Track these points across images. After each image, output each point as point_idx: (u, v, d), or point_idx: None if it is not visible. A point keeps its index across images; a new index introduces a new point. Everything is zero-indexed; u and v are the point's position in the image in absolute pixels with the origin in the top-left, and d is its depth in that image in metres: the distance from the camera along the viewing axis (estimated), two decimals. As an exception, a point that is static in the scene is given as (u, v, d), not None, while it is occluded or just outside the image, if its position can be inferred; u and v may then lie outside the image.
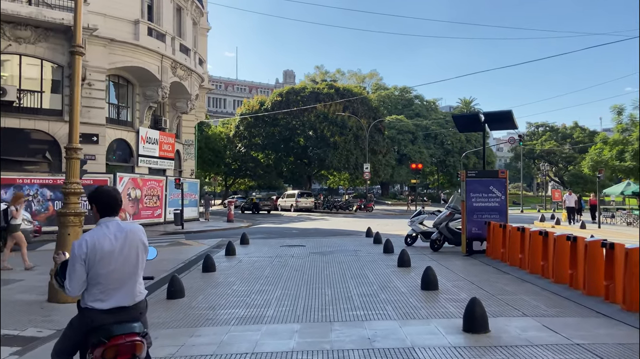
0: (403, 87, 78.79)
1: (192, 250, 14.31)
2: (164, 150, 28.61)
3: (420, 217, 14.62)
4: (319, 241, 16.39)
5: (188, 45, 28.46)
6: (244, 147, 49.20)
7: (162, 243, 16.41)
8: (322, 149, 44.19)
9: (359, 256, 12.61)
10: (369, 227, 18.28)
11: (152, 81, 25.62)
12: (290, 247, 14.64)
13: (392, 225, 25.42)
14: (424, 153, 62.95)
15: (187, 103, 29.15)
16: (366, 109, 46.69)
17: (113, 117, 25.06)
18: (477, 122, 12.26)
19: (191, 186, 30.04)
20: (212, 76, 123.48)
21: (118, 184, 22.68)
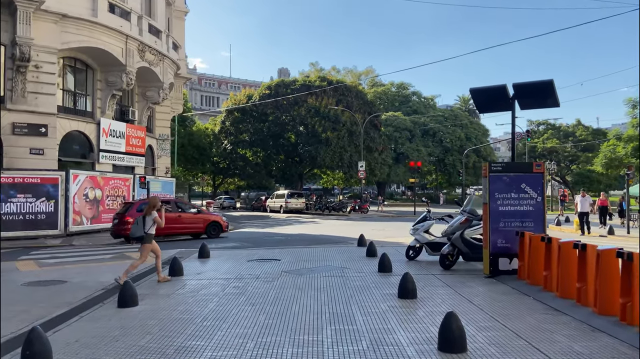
0: (400, 83, 75.67)
1: (134, 266, 11.12)
2: (132, 145, 25.41)
3: (425, 225, 11.49)
4: (299, 253, 13.25)
5: (159, 27, 25.27)
6: (230, 144, 45.94)
7: (104, 255, 13.21)
8: (313, 145, 40.99)
9: (346, 277, 9.46)
10: (362, 234, 15.13)
11: (115, 65, 22.44)
12: (260, 263, 11.49)
13: (389, 230, 22.28)
14: (422, 151, 59.87)
15: (158, 92, 25.94)
16: (361, 103, 43.52)
17: (68, 106, 21.85)
18: (504, 99, 9.13)
19: (166, 185, 26.83)
20: (206, 74, 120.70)
21: (72, 184, 19.49)
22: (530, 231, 8.81)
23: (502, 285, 8.44)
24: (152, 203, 9.29)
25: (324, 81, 42.12)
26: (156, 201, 9.40)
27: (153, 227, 9.15)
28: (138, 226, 9.12)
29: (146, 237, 9.13)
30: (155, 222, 9.13)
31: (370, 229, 22.45)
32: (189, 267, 10.80)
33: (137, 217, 9.41)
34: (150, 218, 9.11)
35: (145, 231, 9.09)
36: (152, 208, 9.17)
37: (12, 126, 18.76)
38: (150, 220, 9.10)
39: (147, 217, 9.12)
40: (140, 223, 9.12)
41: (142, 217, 9.20)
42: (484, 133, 69.15)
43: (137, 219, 9.26)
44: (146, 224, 9.08)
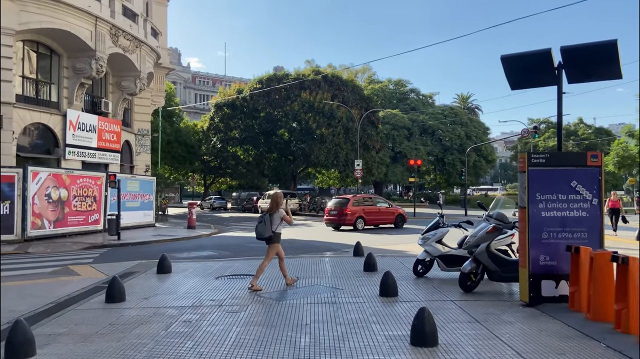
0: (398, 80, 73.42)
1: (61, 289, 8.81)
2: (106, 140, 23.04)
3: (438, 233, 9.22)
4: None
5: (135, 10, 22.90)
6: (219, 142, 43.49)
7: (47, 268, 10.86)
8: (306, 142, 38.62)
9: (338, 304, 7.18)
10: (358, 242, 12.83)
11: (83, 51, 20.09)
12: (231, 281, 9.19)
13: (389, 235, 20.00)
14: (420, 150, 57.60)
15: (135, 82, 23.58)
16: (357, 99, 41.19)
17: (29, 95, 19.45)
18: (546, 69, 6.87)
19: (145, 184, 24.40)
20: (200, 72, 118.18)
21: (31, 182, 17.12)
22: (584, 243, 6.56)
23: (553, 321, 6.16)
24: (276, 200, 8.45)
25: (318, 74, 39.80)
26: (280, 197, 8.54)
27: (281, 226, 8.42)
28: (265, 225, 8.30)
29: (274, 236, 8.35)
30: (282, 220, 8.35)
31: (369, 233, 20.19)
32: (139, 287, 8.49)
33: (262, 216, 8.48)
34: (277, 216, 8.34)
35: (274, 230, 8.31)
36: (277, 205, 8.39)
37: (-41, 116, 16.40)
38: (278, 218, 8.34)
39: (274, 215, 8.32)
40: (267, 222, 8.29)
41: (268, 215, 8.35)
42: (485, 131, 66.98)
43: (263, 218, 8.40)
44: (273, 223, 8.30)
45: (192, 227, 23.17)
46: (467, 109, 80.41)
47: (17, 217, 16.78)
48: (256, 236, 8.57)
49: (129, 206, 22.69)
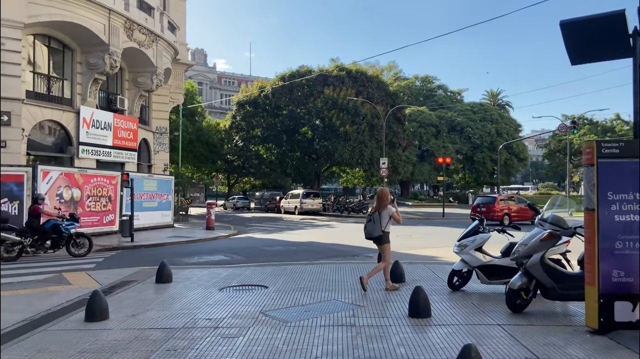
0: (425, 76, 71.50)
1: (43, 302, 7.80)
2: (121, 138, 22.28)
3: (477, 240, 7.85)
4: (299, 273, 9.75)
5: (151, 3, 22.05)
6: (241, 141, 42.60)
7: (42, 274, 9.91)
8: (330, 140, 37.29)
9: (357, 328, 5.91)
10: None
11: (96, 45, 19.34)
12: (236, 293, 8.02)
13: (417, 237, 18.58)
14: (448, 148, 55.65)
15: (151, 78, 22.76)
16: (383, 95, 39.65)
17: (41, 91, 18.78)
18: (618, 36, 5.46)
19: (163, 184, 23.54)
20: (226, 73, 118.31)
21: (41, 182, 16.38)
22: (671, 257, 5.12)
23: (633, 356, 4.76)
24: (383, 197, 8.05)
25: (342, 71, 38.43)
26: (386, 194, 8.12)
27: (389, 224, 8.00)
28: (375, 224, 7.91)
29: (384, 236, 7.96)
30: (391, 218, 7.94)
31: (394, 236, 18.65)
32: (129, 301, 7.40)
33: (371, 215, 8.05)
34: (386, 213, 7.91)
35: (383, 229, 7.91)
36: (384, 202, 7.97)
37: (-34, 113, 15.76)
38: (387, 215, 7.93)
39: (383, 213, 7.90)
40: (376, 221, 7.89)
41: (377, 213, 7.95)
42: (516, 128, 64.47)
43: (372, 216, 7.99)
44: (382, 221, 7.90)
45: (211, 228, 22.25)
46: (497, 105, 77.78)
47: (26, 218, 16.04)
48: (365, 235, 8.16)
49: (146, 206, 21.89)
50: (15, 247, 12.66)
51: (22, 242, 12.69)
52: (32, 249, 12.91)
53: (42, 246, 13.11)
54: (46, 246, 13.16)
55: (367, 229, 8.04)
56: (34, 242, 12.95)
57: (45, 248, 13.17)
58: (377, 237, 7.97)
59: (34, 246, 12.95)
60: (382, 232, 7.91)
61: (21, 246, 12.70)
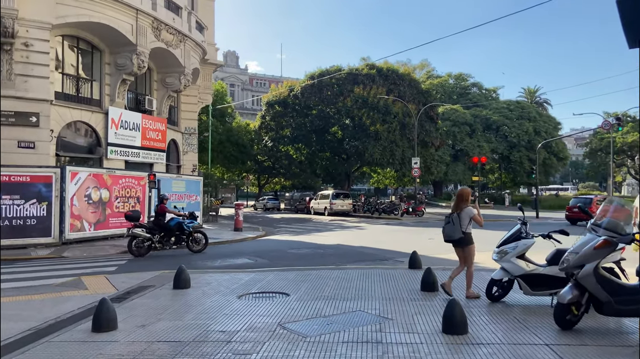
0: (458, 74, 69.71)
1: (54, 308, 7.47)
2: (150, 139, 22.23)
3: (519, 246, 7.09)
4: (323, 279, 9.18)
5: (179, 3, 21.92)
6: (270, 141, 42.35)
7: (61, 278, 9.67)
8: (360, 140, 36.55)
9: (385, 345, 5.29)
10: (415, 252, 10.77)
11: (124, 45, 19.28)
12: (255, 302, 7.52)
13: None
14: (484, 147, 54.02)
15: (179, 78, 22.62)
16: (415, 93, 38.64)
17: (70, 92, 18.83)
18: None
19: (191, 185, 23.40)
20: (257, 74, 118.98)
21: (69, 183, 16.39)
22: None
23: None
24: (463, 196, 7.65)
25: (372, 69, 37.61)
26: (467, 194, 7.70)
27: (470, 225, 7.49)
28: (454, 225, 7.48)
29: (466, 237, 7.45)
30: (472, 220, 7.45)
31: (427, 239, 18.02)
32: (142, 309, 6.98)
33: (449, 216, 7.64)
34: (466, 214, 7.44)
35: (464, 231, 7.42)
36: (464, 201, 7.56)
37: (-3, 114, 15.86)
38: (467, 216, 7.44)
39: (462, 214, 7.45)
40: (456, 222, 7.46)
41: (456, 214, 7.51)
42: (555, 126, 62.05)
43: (451, 218, 7.56)
44: (462, 222, 7.43)
45: (239, 229, 21.98)
46: (534, 103, 75.25)
47: (55, 219, 16.07)
48: (444, 238, 7.73)
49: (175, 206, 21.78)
50: (145, 244, 13.62)
51: (151, 239, 13.63)
52: (159, 245, 13.79)
53: (167, 242, 13.96)
54: (171, 242, 14.01)
55: (446, 231, 7.62)
56: (161, 239, 13.81)
57: (170, 244, 14.01)
58: (457, 240, 7.48)
59: (161, 242, 13.82)
60: (463, 234, 7.42)
61: (150, 243, 13.63)
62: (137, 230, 13.55)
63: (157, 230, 13.81)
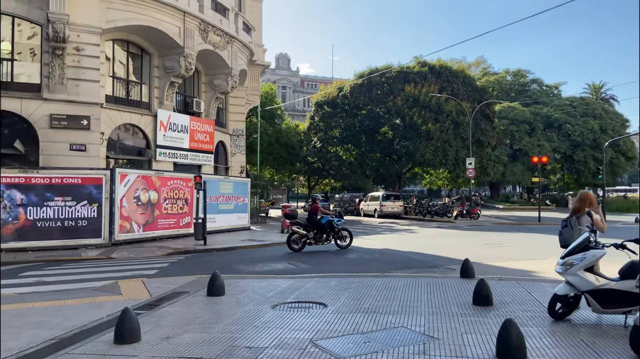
0: (517, 70, 66.57)
1: (82, 315, 7.25)
2: (198, 140, 22.37)
3: (587, 257, 6.17)
4: (366, 289, 8.55)
5: (226, 4, 21.91)
6: (319, 142, 41.99)
7: (100, 281, 9.58)
8: (411, 140, 35.44)
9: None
10: (467, 259, 9.90)
11: (172, 48, 19.46)
12: (289, 313, 6.99)
13: (509, 246, 16.54)
14: (544, 146, 51.15)
15: (227, 80, 22.63)
16: (469, 90, 37.05)
17: (120, 95, 19.18)
18: None
19: (239, 186, 23.36)
20: (308, 76, 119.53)
21: (119, 184, 16.60)
22: None
23: None
24: (585, 200, 7.13)
25: (424, 66, 36.42)
26: (589, 197, 7.16)
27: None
28: (572, 229, 6.96)
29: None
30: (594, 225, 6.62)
31: (482, 244, 16.95)
32: (171, 318, 6.63)
33: (567, 219, 7.14)
34: (585, 219, 6.83)
35: None
36: (587, 205, 7.03)
37: (50, 118, 16.32)
38: (587, 220, 6.78)
39: (582, 218, 6.92)
40: (574, 226, 6.97)
41: (574, 218, 7.05)
42: (623, 124, 58.03)
43: (569, 221, 7.07)
44: (582, 227, 6.85)
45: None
46: (600, 99, 70.83)
47: (105, 221, 16.31)
48: (560, 243, 7.13)
49: (223, 208, 21.78)
50: (301, 240, 14.95)
51: (306, 235, 14.93)
52: (313, 241, 15.06)
53: (320, 238, 15.15)
54: (323, 238, 15.18)
55: (563, 235, 7.08)
56: (314, 235, 15.02)
57: (322, 240, 15.19)
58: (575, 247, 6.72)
59: (315, 238, 15.06)
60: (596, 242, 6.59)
61: (305, 239, 14.93)
62: (295, 227, 15.01)
63: (311, 227, 15.05)
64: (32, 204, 15.33)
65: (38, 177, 15.43)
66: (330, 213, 15.79)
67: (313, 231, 15.05)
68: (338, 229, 15.29)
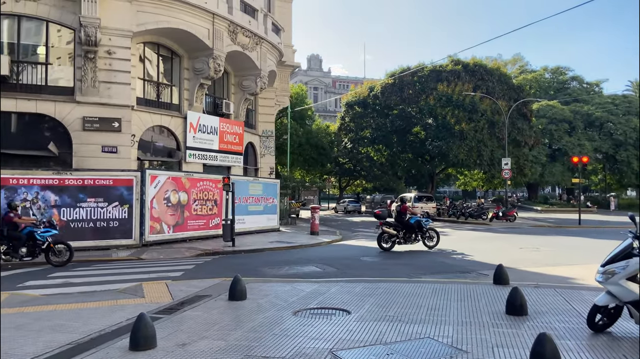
0: (555, 67, 64.49)
1: (102, 320, 7.18)
2: (227, 142, 22.42)
3: (630, 265, 5.66)
4: (392, 294, 8.21)
5: (254, 5, 21.88)
6: (350, 142, 41.64)
7: (124, 283, 9.57)
8: (444, 140, 34.66)
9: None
10: (501, 265, 9.40)
11: (201, 50, 19.53)
12: (311, 319, 6.74)
13: (546, 250, 15.80)
14: (585, 146, 49.26)
15: (255, 81, 22.61)
16: (505, 89, 35.98)
17: (150, 97, 19.38)
18: None
19: (268, 187, 23.31)
20: (340, 77, 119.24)
21: (149, 186, 16.75)
22: None
23: None
24: None
25: (457, 64, 35.58)
26: None
27: None
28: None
29: None
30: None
31: (518, 248, 16.28)
32: (190, 323, 6.47)
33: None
34: None
35: None
36: None
37: (83, 120, 16.62)
38: None
39: None
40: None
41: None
42: (668, 122, 55.27)
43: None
44: None
45: (315, 233, 21.45)
46: (644, 97, 67.71)
47: (135, 222, 16.47)
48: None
49: (252, 209, 21.76)
50: (391, 239, 15.47)
51: (396, 235, 15.45)
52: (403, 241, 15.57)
53: (409, 238, 15.59)
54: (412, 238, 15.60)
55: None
56: (403, 235, 15.52)
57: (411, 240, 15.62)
58: None
59: (404, 238, 15.53)
60: None
61: (395, 238, 15.48)
62: (385, 227, 15.45)
63: (400, 227, 15.51)
64: (66, 205, 15.61)
65: (71, 179, 15.70)
66: (418, 213, 16.18)
67: (402, 230, 15.43)
68: (426, 229, 15.68)
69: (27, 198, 15.25)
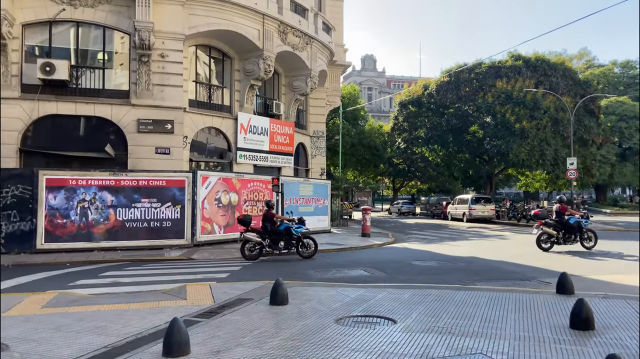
0: (625, 61, 60.41)
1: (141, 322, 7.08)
2: (278, 143, 22.37)
3: None
4: (442, 304, 7.65)
5: (305, 5, 21.71)
6: (403, 142, 40.70)
7: (161, 286, 9.56)
8: (503, 139, 33.07)
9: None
10: (564, 273, 8.57)
11: (252, 51, 19.57)
12: (353, 328, 6.33)
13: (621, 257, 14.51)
14: (659, 145, 45.78)
15: (306, 81, 22.43)
16: (570, 84, 33.90)
17: (202, 99, 19.62)
18: None
19: (319, 188, 23.06)
20: (395, 76, 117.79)
21: (201, 186, 16.94)
22: None
23: None
24: None
25: (517, 60, 33.88)
26: None
27: None
28: None
29: None
30: None
31: (580, 253, 15.06)
32: (228, 328, 6.25)
33: None
34: None
35: None
36: None
37: (137, 122, 17.03)
38: None
39: None
40: None
41: None
42: None
43: None
44: None
45: (366, 235, 21.00)
46: None
47: (187, 222, 16.68)
48: None
49: (302, 210, 21.56)
50: (550, 240, 15.70)
51: (556, 236, 15.62)
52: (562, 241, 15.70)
53: (568, 238, 15.72)
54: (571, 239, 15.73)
55: None
56: (562, 236, 15.68)
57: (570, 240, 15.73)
58: None
59: (563, 238, 15.69)
60: None
61: (554, 239, 15.64)
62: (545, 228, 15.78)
63: (559, 228, 15.74)
64: (121, 206, 16.03)
65: (126, 180, 16.12)
66: (577, 214, 16.23)
67: (561, 231, 15.60)
68: (585, 230, 15.72)
69: (86, 198, 15.81)
